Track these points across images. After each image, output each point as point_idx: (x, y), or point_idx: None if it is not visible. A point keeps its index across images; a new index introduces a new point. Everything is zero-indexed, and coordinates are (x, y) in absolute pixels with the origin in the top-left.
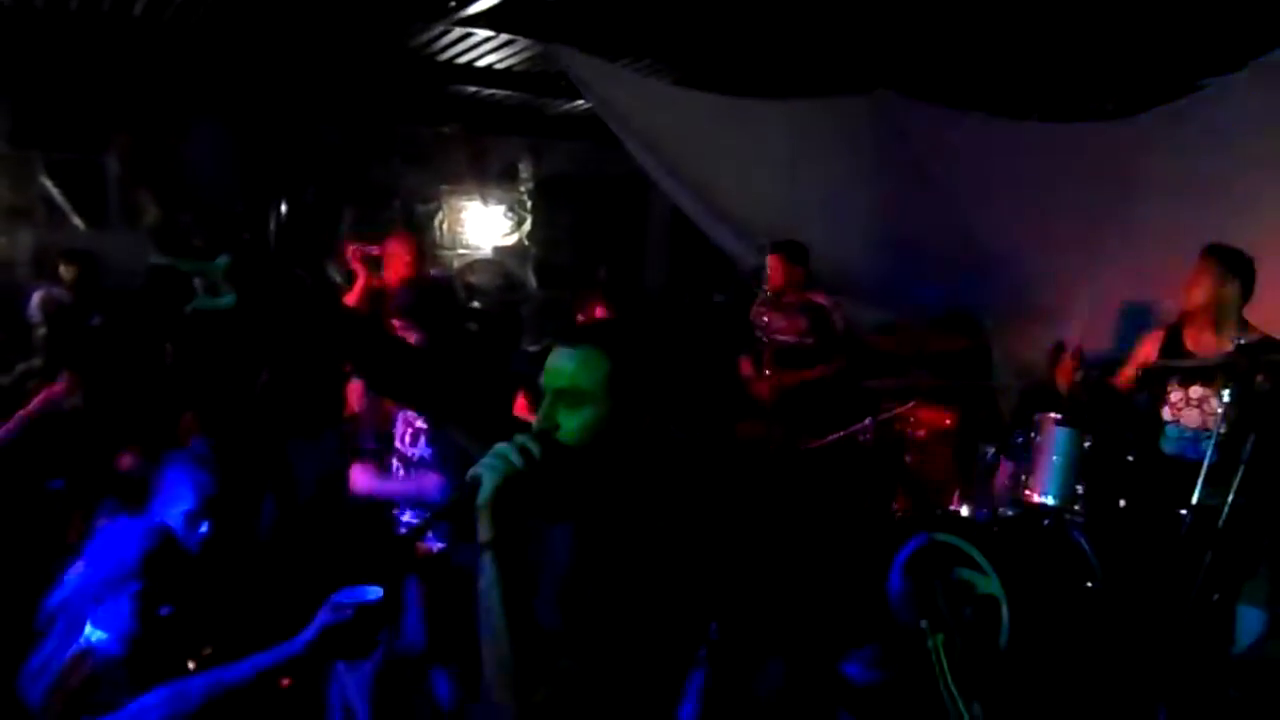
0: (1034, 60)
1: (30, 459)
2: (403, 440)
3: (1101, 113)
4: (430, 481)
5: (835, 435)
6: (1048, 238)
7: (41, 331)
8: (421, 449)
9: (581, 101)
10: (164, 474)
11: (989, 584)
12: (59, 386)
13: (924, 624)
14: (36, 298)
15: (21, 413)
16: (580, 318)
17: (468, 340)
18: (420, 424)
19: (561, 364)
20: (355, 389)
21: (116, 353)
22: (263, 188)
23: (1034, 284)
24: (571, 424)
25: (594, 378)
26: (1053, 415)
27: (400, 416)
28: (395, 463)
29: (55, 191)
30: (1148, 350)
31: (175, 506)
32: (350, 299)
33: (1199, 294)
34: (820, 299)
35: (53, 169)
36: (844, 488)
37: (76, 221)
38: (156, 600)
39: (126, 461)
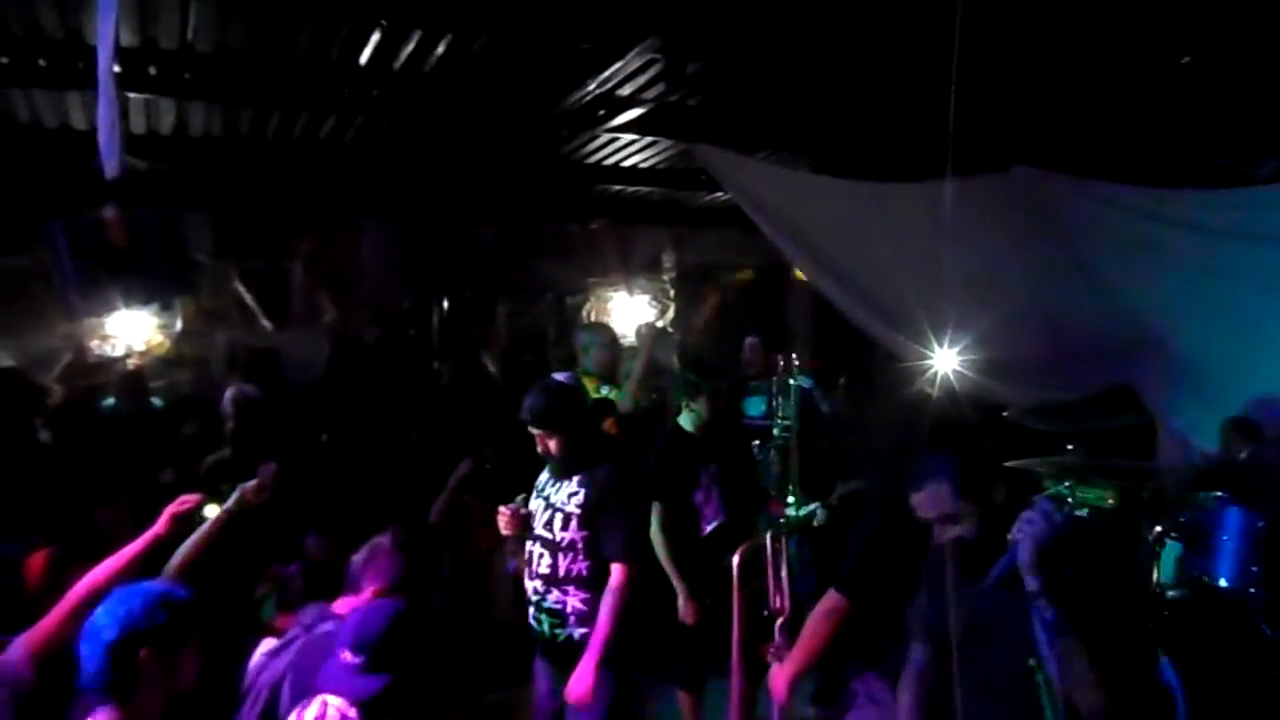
0: (1185, 126)
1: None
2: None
3: (1259, 176)
4: None
5: None
6: (1210, 307)
7: (230, 425)
8: (572, 532)
9: (722, 193)
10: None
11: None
12: (186, 502)
13: None
14: (229, 394)
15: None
16: None
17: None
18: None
19: None
20: None
21: (300, 444)
22: (425, 286)
23: (1198, 357)
24: None
25: None
26: (1220, 494)
27: None
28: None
29: (246, 295)
30: None
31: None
32: None
33: None
34: None
35: (245, 275)
36: None
37: (264, 322)
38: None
39: (314, 549)
